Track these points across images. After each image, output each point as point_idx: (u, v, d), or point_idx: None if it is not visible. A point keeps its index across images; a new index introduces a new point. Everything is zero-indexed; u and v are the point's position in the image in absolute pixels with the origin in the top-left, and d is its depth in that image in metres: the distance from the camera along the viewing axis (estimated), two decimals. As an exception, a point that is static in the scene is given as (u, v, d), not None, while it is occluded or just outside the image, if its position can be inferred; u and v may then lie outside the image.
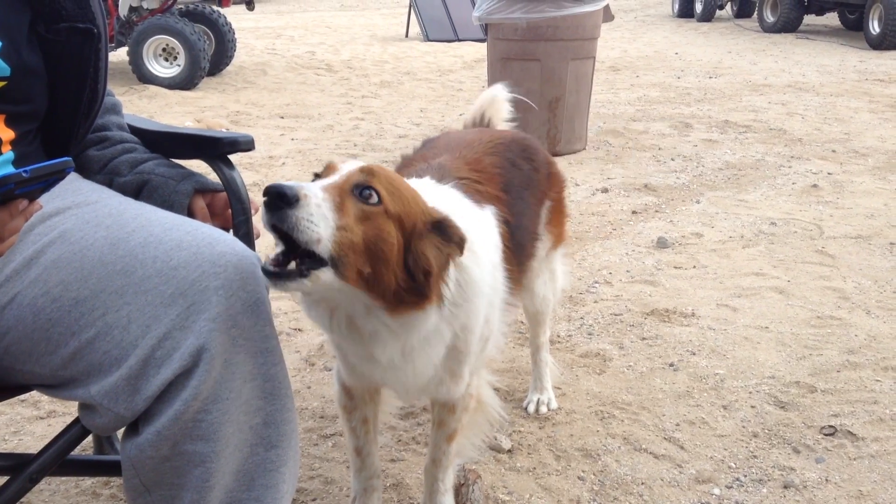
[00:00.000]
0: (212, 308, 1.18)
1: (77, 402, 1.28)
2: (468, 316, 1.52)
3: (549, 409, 2.44)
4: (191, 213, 1.50)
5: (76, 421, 1.32)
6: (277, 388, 1.27)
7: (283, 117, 6.83)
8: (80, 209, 1.33)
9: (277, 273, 1.20)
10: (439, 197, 1.52)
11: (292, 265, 1.20)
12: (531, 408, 2.44)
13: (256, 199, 1.79)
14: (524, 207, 1.95)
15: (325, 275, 1.22)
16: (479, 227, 1.61)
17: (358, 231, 1.25)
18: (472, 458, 2.03)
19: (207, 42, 8.37)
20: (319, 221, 1.19)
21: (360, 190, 1.28)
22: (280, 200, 1.17)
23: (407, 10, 12.86)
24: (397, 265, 1.30)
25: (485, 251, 1.57)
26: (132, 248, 1.22)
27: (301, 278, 1.20)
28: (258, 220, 1.31)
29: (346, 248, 1.23)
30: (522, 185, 1.98)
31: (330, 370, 2.70)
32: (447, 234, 1.37)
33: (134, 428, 1.22)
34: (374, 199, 1.28)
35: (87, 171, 1.50)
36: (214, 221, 1.53)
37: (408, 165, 1.89)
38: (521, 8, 5.00)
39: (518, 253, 1.85)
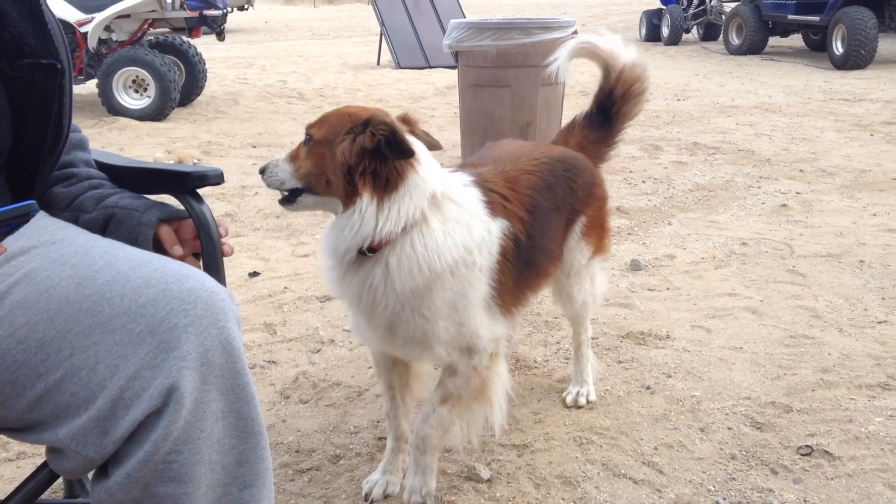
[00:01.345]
0: (181, 346, 1.15)
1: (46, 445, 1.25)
2: (426, 271, 1.81)
3: (587, 402, 2.59)
4: (157, 242, 1.48)
5: (45, 464, 1.29)
6: (250, 425, 1.24)
7: (255, 146, 6.81)
8: (46, 248, 1.30)
9: (281, 201, 1.86)
10: (460, 190, 1.91)
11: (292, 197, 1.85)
12: (569, 399, 2.60)
13: (231, 228, 1.88)
14: (546, 229, 2.13)
15: (305, 197, 1.83)
16: (477, 225, 1.89)
17: (306, 163, 1.81)
18: (454, 446, 2.18)
19: (178, 73, 8.35)
20: (278, 173, 1.84)
21: (305, 140, 1.85)
22: (261, 174, 1.87)
23: (378, 37, 12.94)
24: (333, 173, 1.77)
25: (464, 238, 1.85)
26: (99, 287, 1.20)
27: (291, 203, 1.85)
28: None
29: (305, 176, 1.81)
30: (551, 208, 2.17)
31: (306, 403, 2.67)
32: (364, 127, 1.75)
33: (104, 471, 1.19)
34: (309, 139, 1.83)
35: (52, 209, 1.48)
36: (184, 248, 1.51)
37: (464, 167, 2.16)
38: (491, 35, 5.04)
39: (524, 269, 2.05)
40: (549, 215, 2.14)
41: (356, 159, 1.73)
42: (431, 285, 1.84)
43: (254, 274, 3.84)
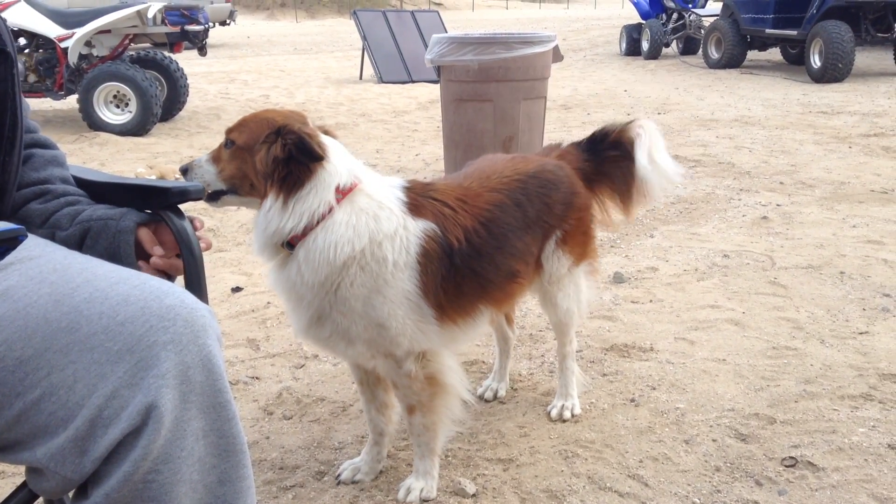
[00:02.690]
0: (160, 364, 1.14)
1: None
2: (329, 263, 1.89)
3: (572, 415, 2.58)
4: (138, 246, 1.46)
5: (25, 483, 1.27)
6: (232, 444, 1.23)
7: (237, 162, 6.77)
8: (24, 265, 1.28)
9: (206, 198, 1.90)
10: (378, 186, 1.98)
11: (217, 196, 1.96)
12: (554, 412, 2.60)
13: (214, 243, 1.87)
14: (503, 245, 2.14)
15: (229, 197, 1.95)
16: (385, 217, 1.94)
17: (230, 167, 1.92)
18: (449, 434, 2.25)
19: (159, 88, 8.33)
20: (203, 174, 1.94)
21: (226, 143, 1.93)
22: (183, 174, 1.97)
23: (360, 52, 12.96)
24: (255, 178, 1.88)
25: (369, 228, 1.91)
26: (77, 304, 1.19)
27: (216, 201, 1.96)
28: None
29: (229, 179, 1.92)
30: (518, 225, 2.19)
31: (290, 418, 2.65)
32: (277, 136, 1.86)
33: (83, 491, 1.17)
34: (230, 143, 1.92)
35: (29, 226, 1.46)
36: (168, 253, 1.49)
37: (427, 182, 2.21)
38: (473, 50, 5.06)
39: (467, 278, 2.07)
40: (512, 232, 2.16)
41: (271, 168, 1.86)
42: (339, 278, 1.91)
43: (236, 289, 3.82)
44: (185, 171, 1.97)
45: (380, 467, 2.31)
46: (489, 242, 2.10)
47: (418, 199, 2.03)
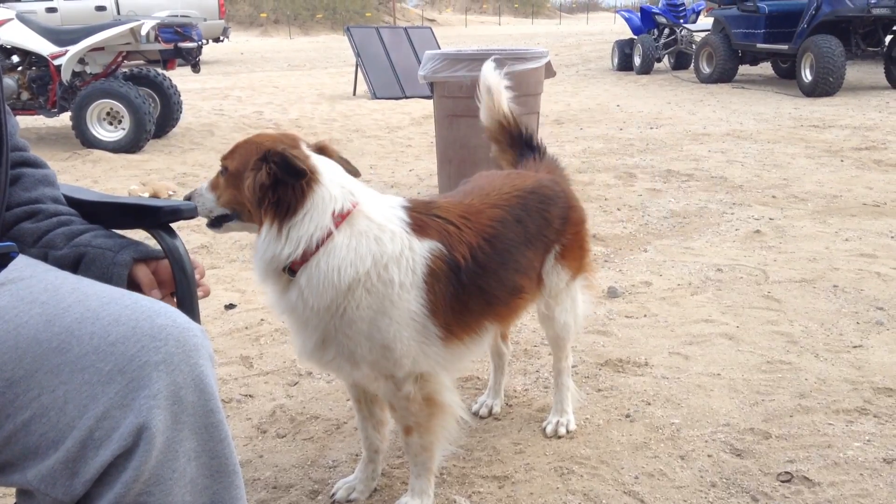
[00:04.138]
0: (152, 384, 1.13)
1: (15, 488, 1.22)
2: (333, 287, 1.88)
3: (567, 431, 2.58)
4: (136, 284, 1.45)
5: (15, 505, 1.26)
6: (224, 464, 1.22)
7: (230, 178, 6.77)
8: (14, 285, 1.28)
9: (208, 224, 2.00)
10: (378, 207, 1.97)
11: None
12: (549, 429, 2.59)
13: (206, 262, 1.87)
14: (508, 261, 2.14)
15: (232, 223, 1.97)
16: (388, 239, 1.92)
17: (226, 194, 1.93)
18: (445, 452, 2.22)
19: (153, 105, 8.33)
20: (204, 202, 1.96)
21: (221, 170, 1.96)
22: (189, 200, 1.93)
23: (354, 68, 13.00)
24: (248, 203, 1.88)
25: (371, 250, 1.90)
26: (68, 325, 1.18)
27: (218, 227, 2.00)
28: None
29: (227, 204, 1.94)
30: (520, 241, 2.19)
31: (283, 437, 2.63)
32: (263, 161, 1.85)
33: (74, 513, 1.16)
34: (225, 170, 1.95)
35: (20, 245, 1.45)
36: (162, 290, 1.49)
37: (431, 198, 2.23)
38: (465, 66, 5.08)
39: (473, 295, 2.06)
40: (514, 247, 2.16)
41: (260, 195, 1.85)
42: (344, 302, 1.90)
43: (230, 306, 3.81)
44: (188, 198, 1.99)
45: (374, 485, 2.30)
46: (494, 259, 2.09)
47: (422, 218, 2.01)
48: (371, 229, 1.92)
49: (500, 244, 2.12)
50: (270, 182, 1.84)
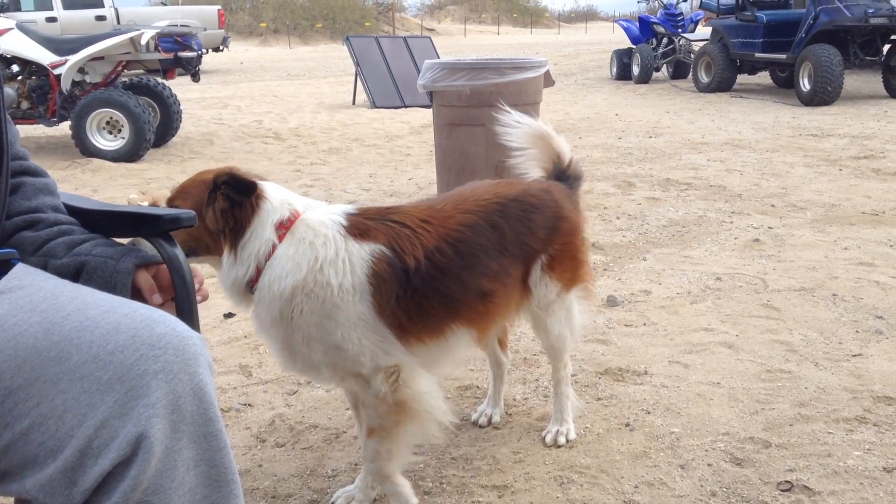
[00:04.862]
0: (151, 393, 1.13)
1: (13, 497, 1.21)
2: (277, 298, 1.96)
3: (567, 441, 2.57)
4: (136, 289, 1.45)
5: (12, 516, 1.25)
6: (223, 473, 1.22)
7: (230, 187, 6.77)
8: (14, 293, 1.28)
9: None
10: (318, 215, 2.04)
11: None
12: (549, 438, 2.58)
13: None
14: (472, 265, 2.14)
15: (189, 260, 1.81)
16: (321, 244, 1.99)
17: (182, 235, 1.80)
18: (405, 463, 2.19)
19: (152, 114, 8.34)
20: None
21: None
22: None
23: (353, 77, 13.03)
24: (210, 238, 1.94)
25: (307, 257, 1.97)
26: (67, 333, 1.18)
27: None
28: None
29: (185, 243, 1.83)
30: (491, 246, 2.19)
31: (282, 446, 2.62)
32: (215, 190, 1.92)
33: (73, 522, 1.15)
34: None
35: (21, 254, 1.45)
36: (163, 295, 1.48)
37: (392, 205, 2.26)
38: (465, 76, 5.09)
39: (429, 298, 2.07)
40: (484, 252, 2.17)
41: (222, 223, 1.94)
42: (290, 310, 1.97)
43: (229, 315, 3.80)
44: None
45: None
46: (456, 262, 2.11)
47: (365, 222, 2.07)
48: (307, 236, 2.00)
49: (466, 248, 2.13)
50: (228, 205, 1.93)
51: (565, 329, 2.47)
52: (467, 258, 2.13)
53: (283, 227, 1.99)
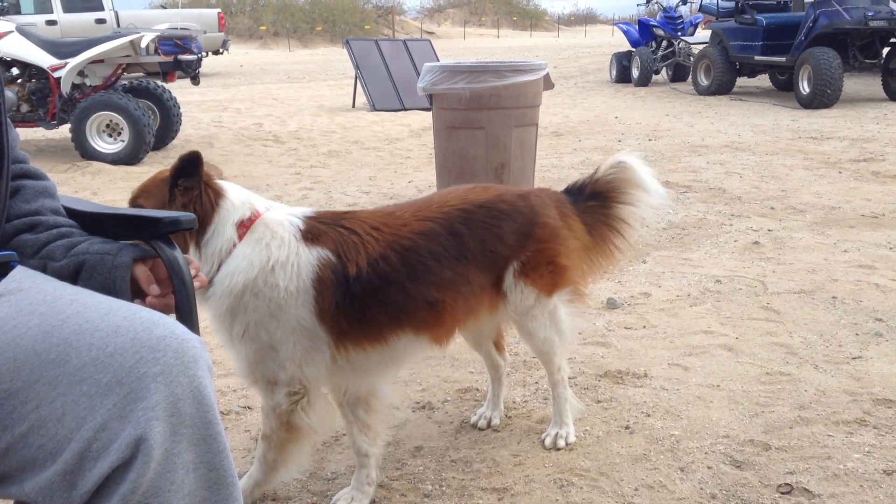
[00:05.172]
0: (150, 396, 1.13)
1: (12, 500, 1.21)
2: (228, 294, 2.01)
3: (566, 444, 2.56)
4: (135, 283, 1.45)
5: (11, 519, 1.25)
6: (222, 476, 1.22)
7: (230, 190, 6.77)
8: (13, 296, 1.28)
9: None
10: (277, 217, 2.10)
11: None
12: (548, 441, 2.58)
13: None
14: (421, 272, 2.15)
15: None
16: (277, 246, 2.05)
17: None
18: (286, 478, 2.28)
19: (152, 117, 8.34)
20: None
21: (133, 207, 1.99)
22: None
23: (353, 80, 13.04)
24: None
25: (261, 257, 2.03)
26: (66, 336, 1.18)
27: None
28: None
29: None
30: (445, 255, 2.19)
31: (281, 449, 2.62)
32: (174, 184, 1.99)
33: (72, 525, 1.15)
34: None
35: (20, 257, 1.45)
36: (161, 287, 1.48)
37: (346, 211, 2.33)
38: (464, 79, 5.10)
39: (370, 306, 2.11)
40: (436, 261, 2.18)
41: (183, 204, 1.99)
42: (236, 307, 2.03)
43: (228, 318, 3.80)
44: None
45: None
46: (400, 271, 2.13)
47: (319, 227, 2.12)
48: (265, 237, 2.06)
49: (415, 257, 2.15)
50: (189, 199, 2.00)
51: (551, 333, 2.45)
52: (415, 266, 2.15)
53: (244, 227, 2.06)
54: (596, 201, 2.55)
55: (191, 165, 1.98)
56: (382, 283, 2.11)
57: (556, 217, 2.42)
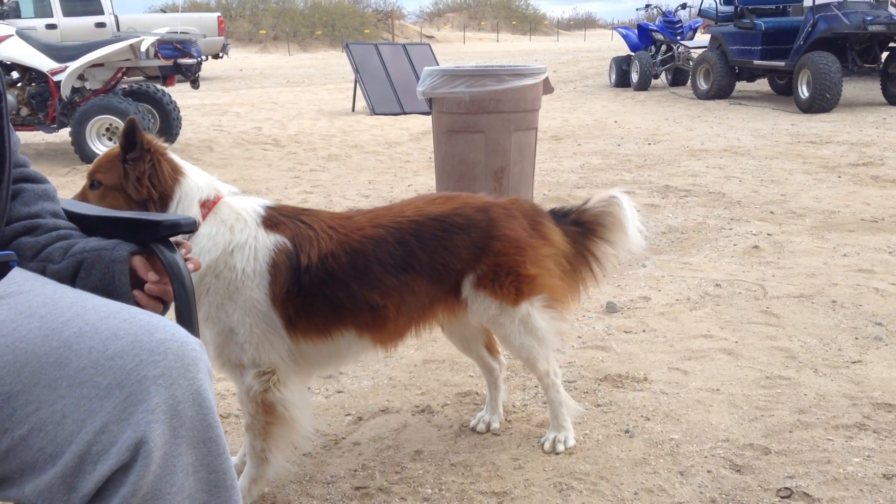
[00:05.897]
0: (150, 399, 1.13)
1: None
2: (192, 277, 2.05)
3: (565, 448, 2.56)
4: (133, 274, 1.45)
5: (11, 522, 1.25)
6: (222, 479, 1.22)
7: (229, 193, 6.78)
8: (13, 299, 1.28)
9: None
10: (241, 202, 2.18)
11: None
12: (547, 445, 2.58)
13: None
14: (366, 276, 2.21)
15: None
16: (240, 228, 2.12)
17: (105, 204, 1.94)
18: (280, 470, 2.29)
19: (152, 120, 8.36)
20: None
21: (91, 184, 2.05)
22: None
23: (353, 84, 13.05)
24: (134, 206, 2.01)
25: (225, 238, 2.09)
26: (66, 339, 1.18)
27: None
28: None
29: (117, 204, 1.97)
30: (391, 263, 2.24)
31: (280, 452, 2.62)
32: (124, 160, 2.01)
33: (71, 528, 1.15)
34: (97, 184, 2.04)
35: (20, 259, 1.45)
36: (162, 279, 1.47)
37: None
38: (464, 83, 5.10)
39: (316, 299, 2.17)
40: (381, 267, 2.23)
41: (144, 191, 2.01)
42: (198, 289, 2.05)
43: (228, 322, 3.80)
44: None
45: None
46: (347, 271, 2.19)
47: (279, 217, 2.19)
48: (229, 219, 2.12)
49: (362, 260, 2.21)
50: (143, 171, 2.00)
51: (527, 339, 2.45)
52: (360, 269, 2.21)
53: (207, 207, 2.11)
54: (578, 228, 2.56)
55: (131, 135, 1.99)
56: (329, 279, 2.17)
57: (520, 228, 2.40)
